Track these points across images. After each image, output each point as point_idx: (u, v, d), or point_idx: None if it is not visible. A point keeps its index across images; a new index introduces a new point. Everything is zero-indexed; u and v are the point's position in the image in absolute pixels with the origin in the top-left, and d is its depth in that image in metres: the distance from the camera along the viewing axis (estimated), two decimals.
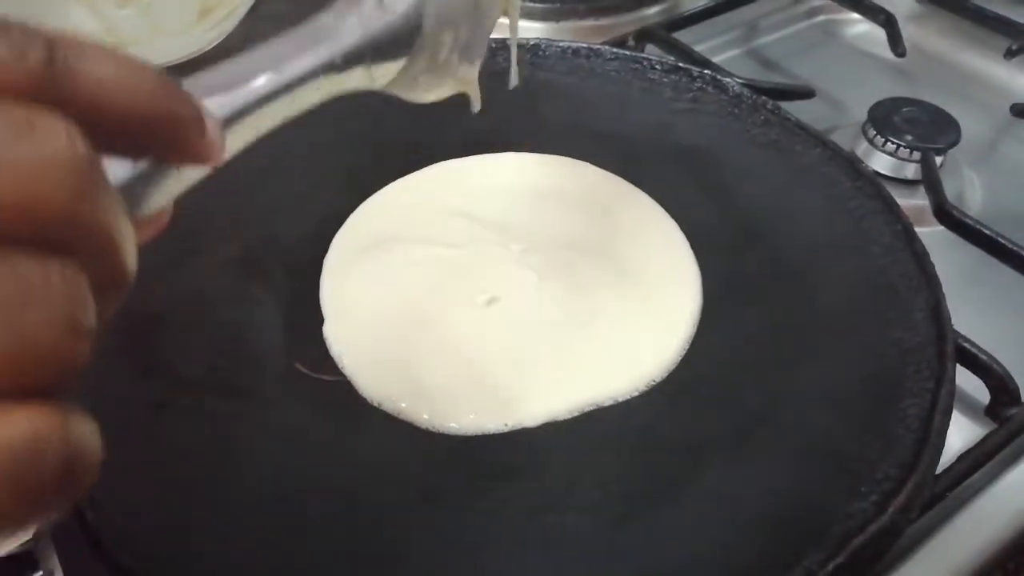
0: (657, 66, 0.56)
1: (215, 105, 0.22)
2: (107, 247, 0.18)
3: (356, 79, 0.28)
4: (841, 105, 0.67)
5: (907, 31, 0.70)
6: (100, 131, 0.18)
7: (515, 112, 0.53)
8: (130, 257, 0.18)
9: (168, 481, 0.36)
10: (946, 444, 0.36)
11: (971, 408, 0.44)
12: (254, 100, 0.24)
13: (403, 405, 0.38)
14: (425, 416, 0.38)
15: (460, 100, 0.41)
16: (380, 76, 0.29)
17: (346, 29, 0.27)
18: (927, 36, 0.75)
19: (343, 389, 0.39)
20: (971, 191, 0.59)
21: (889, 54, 0.69)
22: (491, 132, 0.41)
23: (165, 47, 0.61)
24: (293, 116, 0.26)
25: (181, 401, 0.39)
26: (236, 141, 0.24)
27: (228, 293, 0.44)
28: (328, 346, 0.41)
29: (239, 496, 0.35)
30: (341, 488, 0.36)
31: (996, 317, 0.49)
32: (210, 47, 0.65)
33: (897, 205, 0.45)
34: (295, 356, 0.41)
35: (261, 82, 0.24)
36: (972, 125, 0.61)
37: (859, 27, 0.76)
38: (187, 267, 0.45)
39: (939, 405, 0.36)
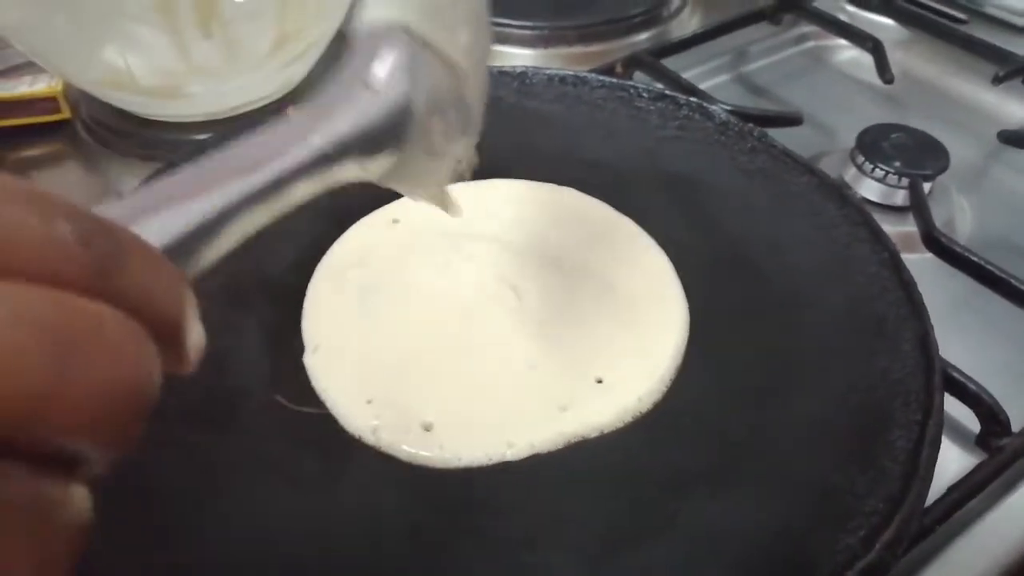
0: (644, 94, 0.56)
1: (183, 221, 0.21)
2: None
3: (347, 172, 0.27)
4: (829, 131, 0.67)
5: (895, 57, 0.71)
6: None
7: (502, 140, 0.53)
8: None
9: (142, 516, 0.35)
10: (937, 474, 0.35)
11: (962, 437, 0.44)
12: (238, 201, 0.23)
13: (384, 438, 0.38)
14: (406, 448, 0.37)
15: None
16: (374, 168, 0.28)
17: (337, 117, 0.26)
18: (915, 62, 0.75)
19: (324, 422, 0.39)
20: (960, 218, 0.59)
21: (877, 80, 0.69)
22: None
23: (238, 86, 0.59)
24: (282, 213, 0.25)
25: (157, 433, 0.38)
26: (221, 246, 0.22)
27: (210, 323, 0.43)
28: (310, 378, 0.40)
29: (215, 531, 0.35)
30: (321, 523, 0.35)
31: (985, 346, 0.49)
32: (285, 92, 0.63)
33: (884, 233, 0.45)
34: (277, 388, 0.40)
35: (239, 185, 0.23)
36: (961, 151, 0.61)
37: (847, 53, 0.77)
38: None
39: (927, 437, 0.35)
